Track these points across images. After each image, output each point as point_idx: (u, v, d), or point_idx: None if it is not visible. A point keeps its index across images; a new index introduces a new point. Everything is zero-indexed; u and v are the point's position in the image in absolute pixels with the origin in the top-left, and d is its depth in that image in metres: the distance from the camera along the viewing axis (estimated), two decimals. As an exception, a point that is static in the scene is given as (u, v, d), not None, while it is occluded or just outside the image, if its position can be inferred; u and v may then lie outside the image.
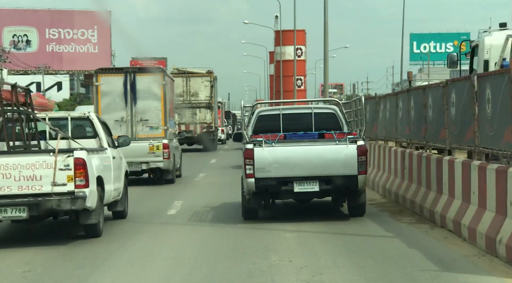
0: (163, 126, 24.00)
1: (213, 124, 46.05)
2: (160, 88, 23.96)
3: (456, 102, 13.22)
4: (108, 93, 23.91)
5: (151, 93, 23.98)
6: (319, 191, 13.67)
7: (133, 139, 23.51)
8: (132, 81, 23.93)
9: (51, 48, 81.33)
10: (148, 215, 16.22)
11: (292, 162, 13.57)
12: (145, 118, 23.92)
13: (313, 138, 14.14)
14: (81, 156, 12.38)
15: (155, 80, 23.98)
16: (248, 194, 13.83)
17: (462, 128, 12.90)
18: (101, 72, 24.11)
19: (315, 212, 15.54)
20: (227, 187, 21.58)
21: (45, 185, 12.22)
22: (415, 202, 14.88)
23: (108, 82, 23.94)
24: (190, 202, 18.38)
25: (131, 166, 23.30)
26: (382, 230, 13.05)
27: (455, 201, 12.53)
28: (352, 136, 13.94)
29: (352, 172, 13.53)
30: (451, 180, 12.78)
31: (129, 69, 24.35)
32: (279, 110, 15.58)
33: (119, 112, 23.87)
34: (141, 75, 24.04)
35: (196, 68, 46.78)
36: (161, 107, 23.99)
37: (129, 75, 24.01)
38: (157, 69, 24.21)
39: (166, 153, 23.85)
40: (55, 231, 14.51)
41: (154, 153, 23.78)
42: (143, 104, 23.92)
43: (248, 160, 13.56)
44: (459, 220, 12.00)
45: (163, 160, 23.80)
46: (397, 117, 18.09)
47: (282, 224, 13.83)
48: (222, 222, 14.49)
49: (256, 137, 14.11)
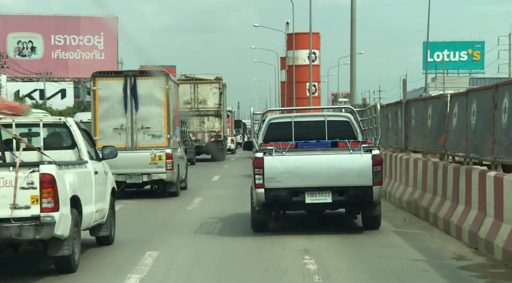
0: (166, 135, 22.36)
1: (222, 133, 44.94)
2: (163, 93, 22.28)
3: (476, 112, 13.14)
4: (107, 98, 22.26)
5: (153, 98, 22.33)
6: (331, 202, 13.44)
7: (133, 148, 22.08)
8: (133, 85, 22.25)
9: (57, 54, 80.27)
10: (142, 239, 14.27)
11: (303, 172, 13.31)
12: (147, 125, 22.25)
13: (326, 146, 13.82)
14: (49, 171, 10.02)
15: (157, 84, 22.31)
16: (258, 205, 13.57)
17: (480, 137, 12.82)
18: (99, 76, 22.43)
19: (327, 224, 15.30)
20: (236, 198, 20.93)
21: (2, 208, 9.87)
22: (430, 212, 14.69)
23: (107, 87, 22.29)
24: (194, 216, 17.49)
25: (131, 177, 21.82)
26: (399, 243, 12.75)
27: (471, 211, 12.43)
28: (367, 145, 13.61)
29: (367, 182, 13.24)
30: (468, 190, 12.62)
31: (129, 72, 22.63)
32: (291, 118, 15.29)
33: (118, 119, 22.24)
34: (143, 79, 22.34)
35: (204, 75, 45.88)
36: (164, 114, 22.32)
37: (130, 79, 22.35)
38: (159, 73, 22.45)
39: (169, 163, 22.19)
40: (17, 265, 11.92)
41: (156, 163, 22.15)
42: (144, 110, 22.27)
43: (258, 169, 13.30)
44: (475, 231, 11.82)
45: (166, 172, 22.20)
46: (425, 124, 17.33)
47: (294, 237, 13.49)
48: (230, 234, 14.10)
49: (266, 145, 13.78)
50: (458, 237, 12.84)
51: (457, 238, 12.91)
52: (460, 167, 13.48)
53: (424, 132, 16.99)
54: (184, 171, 25.11)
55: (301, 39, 62.34)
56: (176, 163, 22.79)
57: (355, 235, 13.73)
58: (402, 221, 15.49)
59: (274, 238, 13.45)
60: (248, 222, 14.89)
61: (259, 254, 12.08)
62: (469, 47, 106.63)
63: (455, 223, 13.10)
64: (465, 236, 12.46)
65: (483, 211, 11.93)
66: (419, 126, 17.49)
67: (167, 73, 22.57)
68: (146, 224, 16.45)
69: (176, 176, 22.74)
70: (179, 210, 19.37)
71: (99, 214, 12.31)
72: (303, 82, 61.25)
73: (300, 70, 62.57)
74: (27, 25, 79.08)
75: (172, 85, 22.84)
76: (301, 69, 62.35)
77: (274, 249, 12.42)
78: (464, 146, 13.77)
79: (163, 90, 22.26)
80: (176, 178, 22.70)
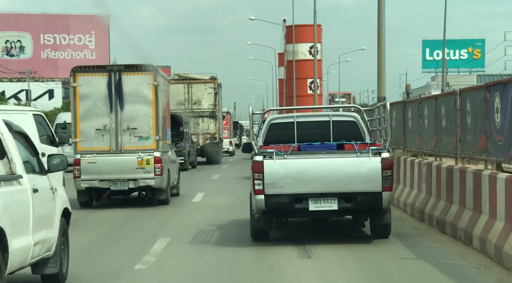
0: (154, 136, 20.41)
1: (217, 134, 43.54)
2: (151, 90, 20.33)
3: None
4: (89, 96, 20.31)
5: (140, 96, 20.39)
6: (337, 209, 12.90)
7: (118, 151, 20.22)
8: (118, 81, 20.30)
9: (46, 54, 78.57)
10: (129, 252, 12.95)
11: (307, 177, 12.81)
12: (133, 126, 20.32)
13: (331, 149, 13.21)
14: None
15: (145, 80, 20.36)
16: (257, 212, 13.03)
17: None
18: (79, 71, 20.47)
19: (333, 232, 14.79)
20: (234, 204, 20.04)
21: None
22: (446, 222, 13.90)
23: (89, 83, 20.34)
24: (187, 224, 16.44)
25: (116, 184, 19.99)
26: (411, 254, 12.15)
27: (496, 223, 11.46)
28: (375, 147, 13.01)
29: (376, 188, 12.72)
30: (493, 198, 11.63)
31: (114, 67, 20.68)
32: (293, 118, 14.64)
33: (101, 119, 20.30)
34: (128, 74, 20.37)
35: (198, 74, 44.68)
36: (153, 113, 20.39)
37: (114, 74, 20.40)
38: (147, 67, 20.44)
39: (158, 168, 20.26)
40: None
41: (144, 168, 20.24)
42: (130, 109, 20.34)
43: (257, 174, 12.77)
44: (501, 245, 10.88)
45: (155, 177, 20.28)
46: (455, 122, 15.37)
47: (296, 247, 12.92)
48: (227, 244, 13.51)
49: (267, 148, 13.15)
50: (482, 250, 11.85)
51: (480, 251, 11.91)
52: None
53: (459, 133, 14.91)
54: (175, 176, 23.25)
55: (301, 32, 58.24)
56: (166, 168, 20.91)
57: (363, 245, 13.05)
58: (415, 230, 14.78)
59: (275, 248, 12.82)
60: (247, 230, 14.25)
61: (259, 265, 11.45)
62: (469, 45, 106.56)
63: (478, 235, 12.05)
64: (491, 249, 11.40)
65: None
66: (452, 126, 15.36)
67: (155, 68, 20.58)
68: (133, 234, 15.22)
69: (166, 181, 20.88)
70: (170, 218, 17.99)
71: (42, 246, 9.41)
72: (303, 79, 57.68)
73: (300, 65, 58.26)
74: (15, 24, 77.58)
75: (161, 82, 20.89)
76: (302, 64, 58.17)
77: (275, 260, 11.81)
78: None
79: (151, 86, 20.34)
80: (166, 184, 20.82)
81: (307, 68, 55.64)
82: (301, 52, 59.53)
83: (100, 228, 16.38)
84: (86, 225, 16.86)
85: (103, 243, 14.39)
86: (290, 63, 59.25)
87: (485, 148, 13.02)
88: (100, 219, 18.14)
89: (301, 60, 58.86)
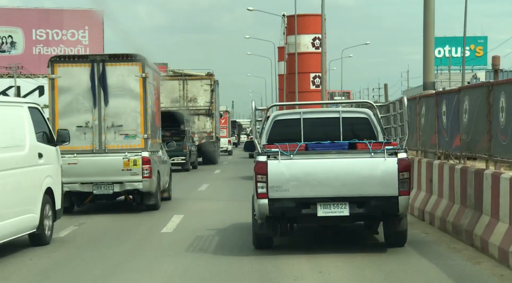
0: (142, 134, 18.50)
1: (214, 133, 42.04)
2: (138, 82, 18.43)
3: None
4: (69, 90, 18.42)
5: (127, 90, 18.47)
6: (349, 215, 12.15)
7: (102, 151, 18.44)
8: (101, 73, 18.35)
9: (38, 50, 76.82)
10: (115, 260, 12.06)
11: (315, 179, 12.12)
12: (119, 123, 18.42)
13: (342, 148, 12.48)
14: None
15: (131, 71, 18.45)
16: (260, 218, 12.30)
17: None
18: (58, 61, 18.55)
19: (343, 240, 14.09)
20: (234, 208, 18.98)
21: None
22: (468, 230, 12.86)
23: (69, 75, 18.44)
24: (180, 232, 15.24)
25: (99, 187, 18.24)
26: (429, 264, 11.35)
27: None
28: (391, 147, 12.26)
29: (392, 192, 11.99)
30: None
31: (97, 56, 18.71)
32: (300, 114, 13.99)
33: (83, 115, 18.38)
34: (113, 64, 18.45)
35: (194, 71, 43.34)
36: (140, 108, 18.48)
37: (97, 65, 18.48)
38: (134, 57, 18.48)
39: (147, 170, 18.37)
40: None
41: (131, 170, 18.36)
42: (116, 104, 18.44)
43: (261, 176, 12.04)
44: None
45: (143, 180, 18.40)
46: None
47: (303, 256, 12.16)
48: (226, 252, 12.65)
49: (271, 147, 12.39)
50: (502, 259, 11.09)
51: (500, 260, 11.17)
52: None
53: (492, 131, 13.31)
54: (166, 178, 21.37)
55: (304, 22, 54.33)
56: (155, 169, 19.01)
57: (376, 254, 12.27)
58: (425, 236, 14.06)
59: (279, 257, 12.09)
60: (249, 237, 13.48)
61: (262, 277, 10.68)
62: (471, 42, 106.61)
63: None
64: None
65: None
66: (482, 123, 13.74)
67: (143, 58, 18.61)
68: (116, 247, 13.63)
69: (156, 184, 18.97)
70: (160, 224, 16.31)
71: None
72: (306, 73, 53.94)
73: (303, 59, 54.15)
74: (6, 19, 76.01)
75: (150, 73, 18.94)
76: (304, 57, 54.22)
77: (280, 271, 11.05)
78: None
79: (138, 78, 18.42)
80: (155, 188, 18.91)
81: (309, 62, 52.54)
82: (304, 44, 55.74)
83: (81, 240, 14.48)
84: (62, 237, 14.90)
85: (80, 259, 12.55)
86: (292, 56, 55.44)
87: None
88: (81, 228, 16.24)
89: (303, 53, 55.00)
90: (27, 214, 13.05)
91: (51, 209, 14.04)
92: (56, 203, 14.29)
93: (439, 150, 16.70)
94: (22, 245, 13.52)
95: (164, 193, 21.18)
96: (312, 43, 55.96)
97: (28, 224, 13.11)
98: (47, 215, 13.85)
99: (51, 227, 14.03)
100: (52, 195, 14.10)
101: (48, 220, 13.90)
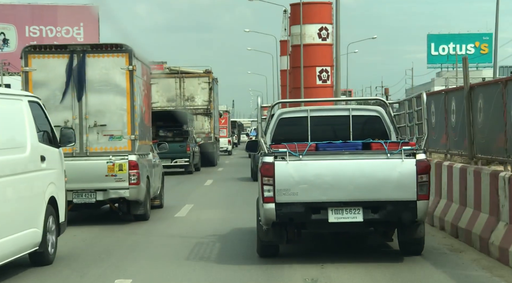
0: (129, 135, 16.55)
1: (213, 134, 40.79)
2: (125, 76, 16.48)
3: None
4: (45, 84, 16.45)
5: (111, 84, 16.50)
6: (363, 221, 11.79)
7: (83, 154, 16.64)
8: (82, 65, 16.37)
9: (32, 48, 75.41)
10: (109, 270, 11.49)
11: (326, 182, 11.76)
12: (102, 122, 16.52)
13: (356, 149, 12.08)
14: None
15: (116, 63, 16.52)
16: (266, 224, 11.91)
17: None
18: (33, 52, 16.62)
19: (355, 247, 13.67)
20: (234, 213, 18.27)
21: None
22: (482, 238, 12.48)
23: (45, 67, 16.49)
24: (176, 239, 14.64)
25: (80, 195, 16.59)
26: (448, 276, 10.79)
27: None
28: (409, 147, 11.86)
29: (409, 196, 11.66)
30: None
31: (77, 47, 16.73)
32: (307, 112, 13.65)
33: (61, 113, 16.37)
34: (95, 56, 16.52)
35: (192, 68, 42.20)
36: (127, 106, 16.58)
37: (77, 56, 16.52)
38: (120, 47, 16.48)
39: (134, 175, 16.51)
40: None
41: (116, 175, 16.44)
42: (98, 100, 16.49)
43: (267, 178, 11.70)
44: None
45: (130, 187, 16.48)
46: None
47: (312, 266, 11.64)
48: (228, 261, 12.18)
49: (278, 147, 12.02)
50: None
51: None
52: None
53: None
54: (158, 184, 19.47)
55: (310, 11, 50.66)
56: (144, 175, 17.08)
57: (391, 264, 11.74)
58: (442, 245, 13.42)
59: (286, 267, 11.64)
60: (253, 244, 13.05)
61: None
62: (476, 39, 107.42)
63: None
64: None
65: None
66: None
67: (130, 49, 16.62)
68: (109, 254, 12.94)
69: (144, 192, 17.04)
70: (150, 234, 15.24)
71: None
72: (311, 67, 50.21)
73: (308, 51, 49.86)
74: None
75: (139, 66, 16.97)
76: (310, 50, 50.06)
77: (286, 281, 10.79)
78: None
79: (125, 72, 16.47)
80: (144, 195, 17.00)
81: (316, 54, 49.20)
82: (309, 35, 52.07)
83: (86, 258, 12.76)
84: (65, 254, 13.06)
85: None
86: (296, 48, 51.82)
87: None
88: (76, 242, 14.44)
89: (309, 45, 50.93)
90: (29, 229, 11.07)
91: (55, 222, 12.11)
92: (60, 215, 12.35)
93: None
94: (19, 265, 11.65)
95: (156, 200, 19.41)
96: (319, 33, 52.54)
97: (30, 241, 11.12)
98: (51, 229, 11.91)
99: (54, 244, 12.05)
100: (56, 205, 12.16)
101: (52, 235, 11.95)
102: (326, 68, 50.29)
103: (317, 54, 49.68)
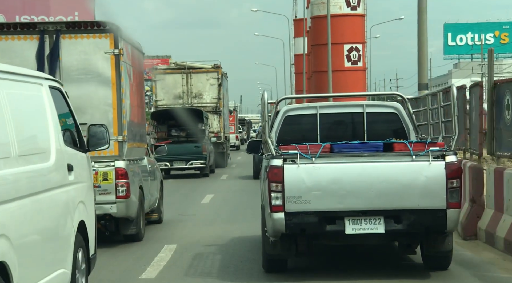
0: (116, 136, 13.98)
1: (222, 133, 39.89)
2: (109, 62, 13.96)
3: None
4: None
5: (92, 73, 13.94)
6: (384, 233, 11.26)
7: None
8: (54, 48, 13.83)
9: (23, 39, 73.55)
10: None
11: (343, 188, 11.27)
12: (81, 120, 13.42)
13: (376, 150, 11.62)
14: None
15: (98, 47, 14.00)
16: (274, 235, 11.34)
17: None
18: (-5, 32, 14.04)
19: (373, 260, 13.13)
20: (240, 223, 17.60)
21: None
22: None
23: (8, 51, 13.84)
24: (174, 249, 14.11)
25: None
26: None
27: None
28: (437, 148, 11.36)
29: (438, 204, 11.12)
30: None
31: (49, 25, 14.22)
32: (316, 109, 13.41)
33: None
34: (71, 37, 13.97)
35: (199, 63, 41.57)
36: (113, 99, 14.10)
37: (50, 37, 13.94)
38: (103, 26, 13.87)
39: (123, 186, 14.04)
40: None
41: (100, 187, 13.89)
42: (77, 93, 13.73)
43: (275, 184, 11.11)
44: None
45: (117, 201, 14.03)
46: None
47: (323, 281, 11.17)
48: (229, 278, 11.67)
49: (288, 148, 11.51)
50: None
51: None
52: None
53: None
54: (155, 195, 17.02)
55: None
56: (136, 185, 14.61)
57: (415, 280, 11.43)
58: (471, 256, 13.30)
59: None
60: (258, 258, 12.81)
61: None
62: (496, 28, 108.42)
63: None
64: None
65: None
66: None
67: (116, 28, 14.01)
68: None
69: (136, 206, 14.55)
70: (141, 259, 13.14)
71: None
72: (338, 45, 40.78)
73: (333, 24, 37.80)
74: (-13, 5, 72.57)
75: (128, 50, 14.36)
76: (335, 22, 38.78)
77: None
78: None
79: (109, 56, 13.93)
80: (135, 211, 14.48)
81: (344, 28, 40.75)
82: (335, 2, 42.08)
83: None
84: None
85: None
86: (318, 20, 42.48)
87: None
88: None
89: (334, 16, 40.02)
90: (56, 272, 8.22)
91: (85, 257, 9.33)
92: (90, 246, 9.60)
93: None
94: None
95: (153, 214, 17.13)
96: (347, 1, 44.05)
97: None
98: (80, 267, 9.12)
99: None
100: (86, 233, 9.36)
101: (82, 276, 9.20)
102: (356, 46, 41.95)
103: (345, 27, 42.26)
